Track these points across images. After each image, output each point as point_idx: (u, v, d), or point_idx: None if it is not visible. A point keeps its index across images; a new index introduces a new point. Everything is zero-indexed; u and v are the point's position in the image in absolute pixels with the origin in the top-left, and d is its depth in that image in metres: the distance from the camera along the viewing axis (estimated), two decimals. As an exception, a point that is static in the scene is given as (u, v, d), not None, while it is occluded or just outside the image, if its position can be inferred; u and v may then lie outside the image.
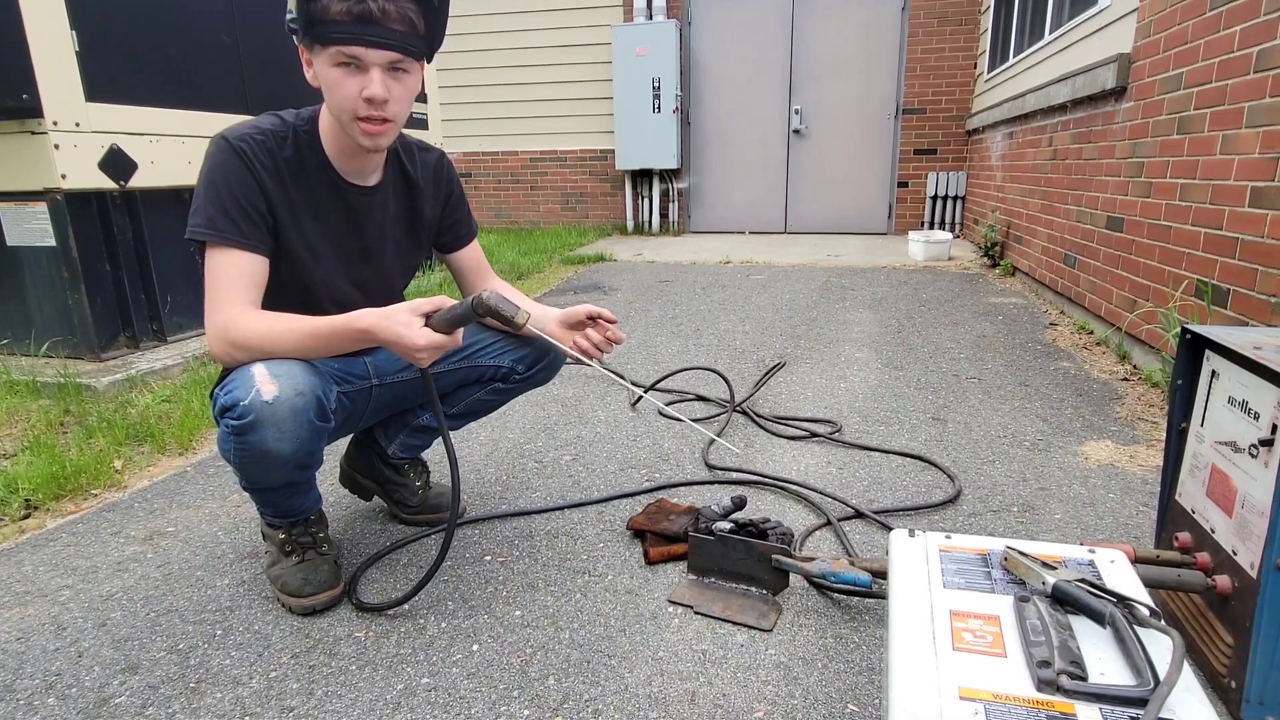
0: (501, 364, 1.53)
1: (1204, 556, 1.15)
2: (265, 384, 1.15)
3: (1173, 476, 1.28)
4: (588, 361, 1.46)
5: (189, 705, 1.14)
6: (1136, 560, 1.16)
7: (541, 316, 1.48)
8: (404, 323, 1.13)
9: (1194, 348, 1.24)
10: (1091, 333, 3.26)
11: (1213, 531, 1.14)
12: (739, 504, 1.56)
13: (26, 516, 1.80)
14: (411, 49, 1.20)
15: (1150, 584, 1.11)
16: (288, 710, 1.13)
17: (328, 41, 1.15)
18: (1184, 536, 1.21)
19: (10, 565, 1.57)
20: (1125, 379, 2.65)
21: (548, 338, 1.38)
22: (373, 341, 1.17)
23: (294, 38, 1.20)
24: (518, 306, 1.16)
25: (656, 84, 6.77)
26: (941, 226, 6.71)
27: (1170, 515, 1.28)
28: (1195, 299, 2.36)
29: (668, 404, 2.49)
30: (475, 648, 1.26)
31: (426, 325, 1.15)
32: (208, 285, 1.22)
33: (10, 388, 2.55)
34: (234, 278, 1.21)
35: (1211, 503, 1.15)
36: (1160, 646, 0.74)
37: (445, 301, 1.17)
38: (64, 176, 2.59)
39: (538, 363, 1.53)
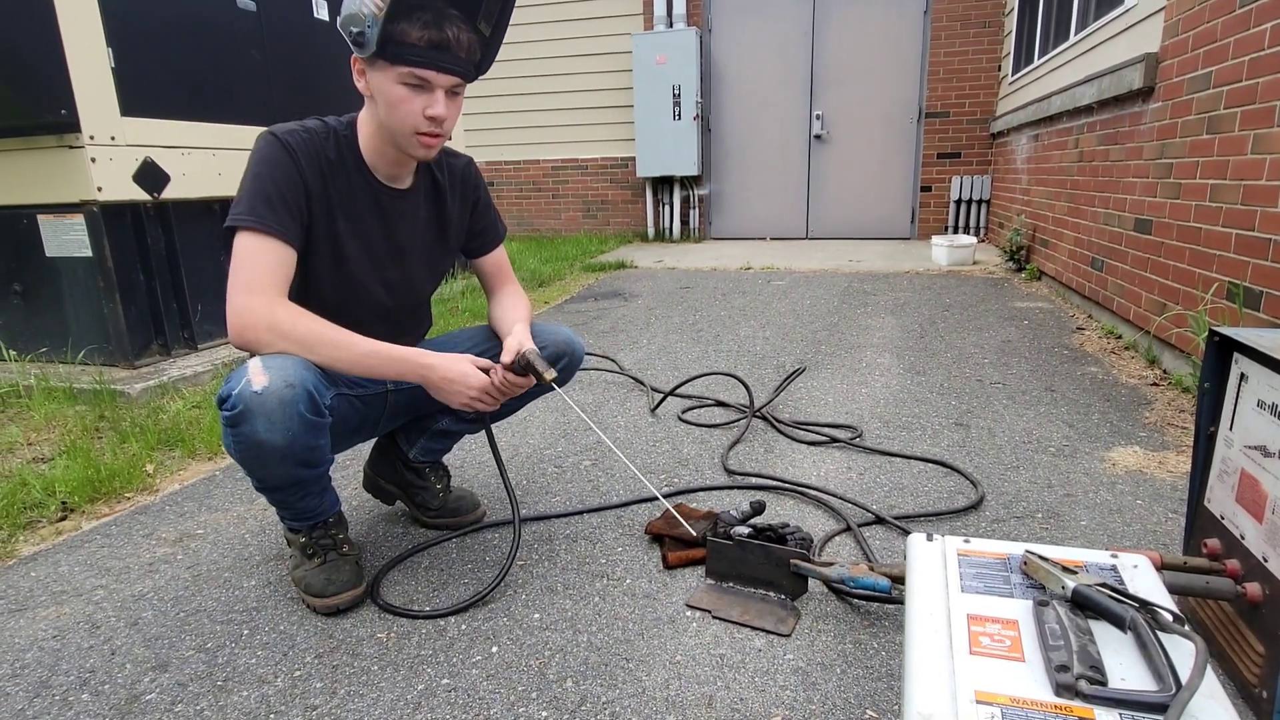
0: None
1: (1233, 563, 1.12)
2: (256, 375, 1.18)
3: (1201, 482, 1.25)
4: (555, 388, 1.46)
5: (216, 703, 1.17)
6: (1163, 567, 1.13)
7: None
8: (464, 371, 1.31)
9: (1222, 350, 1.21)
10: (1120, 337, 3.21)
11: (1242, 538, 1.11)
12: (758, 509, 1.55)
13: (63, 518, 1.85)
14: (469, 75, 1.30)
15: (1178, 591, 1.09)
16: (311, 709, 1.15)
17: (401, 62, 1.21)
18: (1213, 543, 1.18)
19: (48, 565, 1.61)
20: (1154, 384, 2.60)
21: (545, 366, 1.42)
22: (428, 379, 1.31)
23: (356, 49, 1.22)
24: (548, 364, 1.37)
25: (677, 91, 6.79)
26: (965, 231, 6.64)
27: (1199, 521, 1.26)
28: (1226, 301, 2.31)
29: (686, 410, 2.49)
30: (494, 649, 1.28)
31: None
32: (237, 264, 1.23)
33: (49, 394, 2.63)
34: (271, 263, 1.25)
35: (1241, 508, 1.12)
36: (1184, 652, 0.73)
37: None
38: (100, 189, 2.67)
39: (554, 365, 1.54)
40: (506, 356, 1.39)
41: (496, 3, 1.30)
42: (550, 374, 1.29)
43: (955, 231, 6.68)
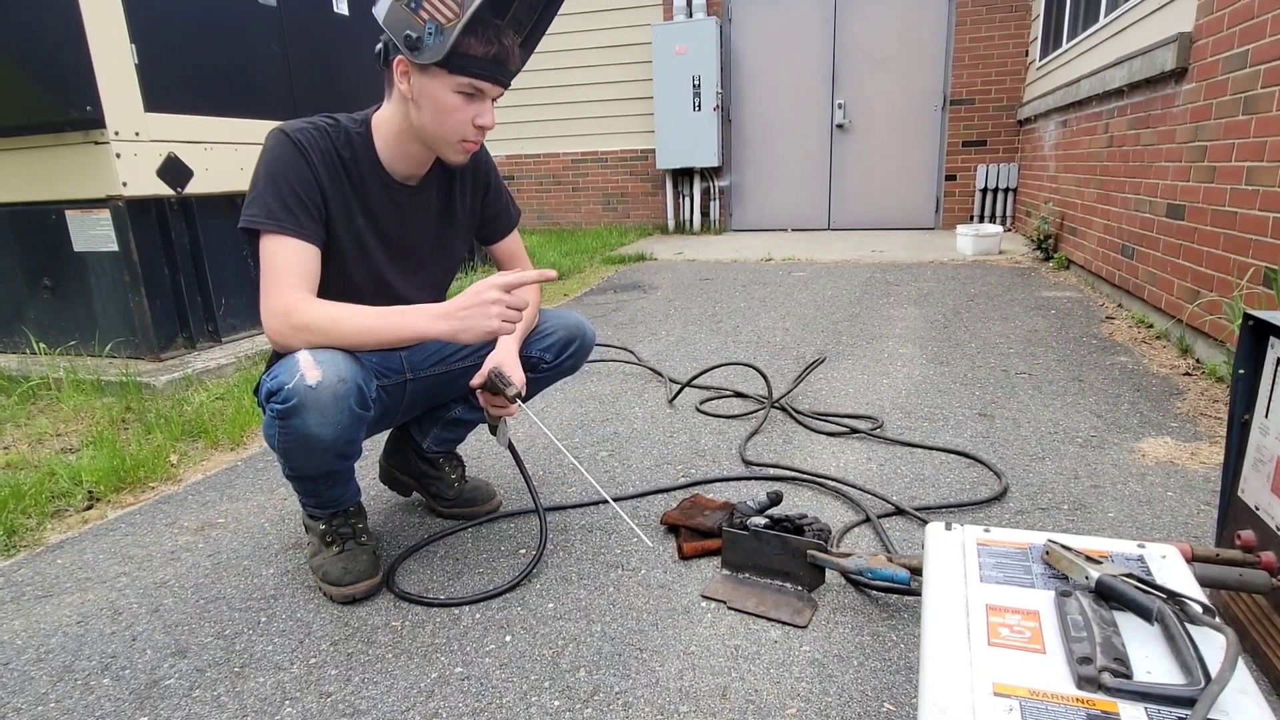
0: (528, 353, 1.53)
1: (1269, 556, 1.08)
2: (310, 369, 1.18)
3: (1235, 471, 1.21)
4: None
5: (233, 689, 1.18)
6: (1195, 559, 1.10)
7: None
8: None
9: (1258, 335, 1.17)
10: (1151, 326, 3.12)
11: (1279, 529, 1.07)
12: (775, 499, 1.53)
13: (89, 508, 1.88)
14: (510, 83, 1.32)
15: (1210, 584, 1.05)
16: (325, 695, 1.15)
17: (463, 73, 1.22)
18: (1247, 534, 1.14)
19: (73, 553, 1.64)
20: (1187, 374, 2.52)
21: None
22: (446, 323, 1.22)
23: (409, 53, 1.20)
24: (510, 381, 1.32)
25: (697, 82, 6.74)
26: (991, 220, 6.52)
27: (1232, 512, 1.22)
28: (1263, 288, 2.23)
29: (704, 400, 2.46)
30: (508, 639, 1.27)
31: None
32: (265, 270, 1.24)
33: (77, 386, 2.68)
34: (293, 264, 1.25)
35: (1277, 499, 1.08)
36: (1214, 646, 0.70)
37: (524, 276, 1.26)
38: (125, 184, 2.71)
39: (564, 350, 1.53)
40: (478, 379, 1.36)
41: (532, 15, 1.32)
42: (511, 390, 1.27)
43: (981, 221, 6.56)
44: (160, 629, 1.34)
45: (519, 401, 1.29)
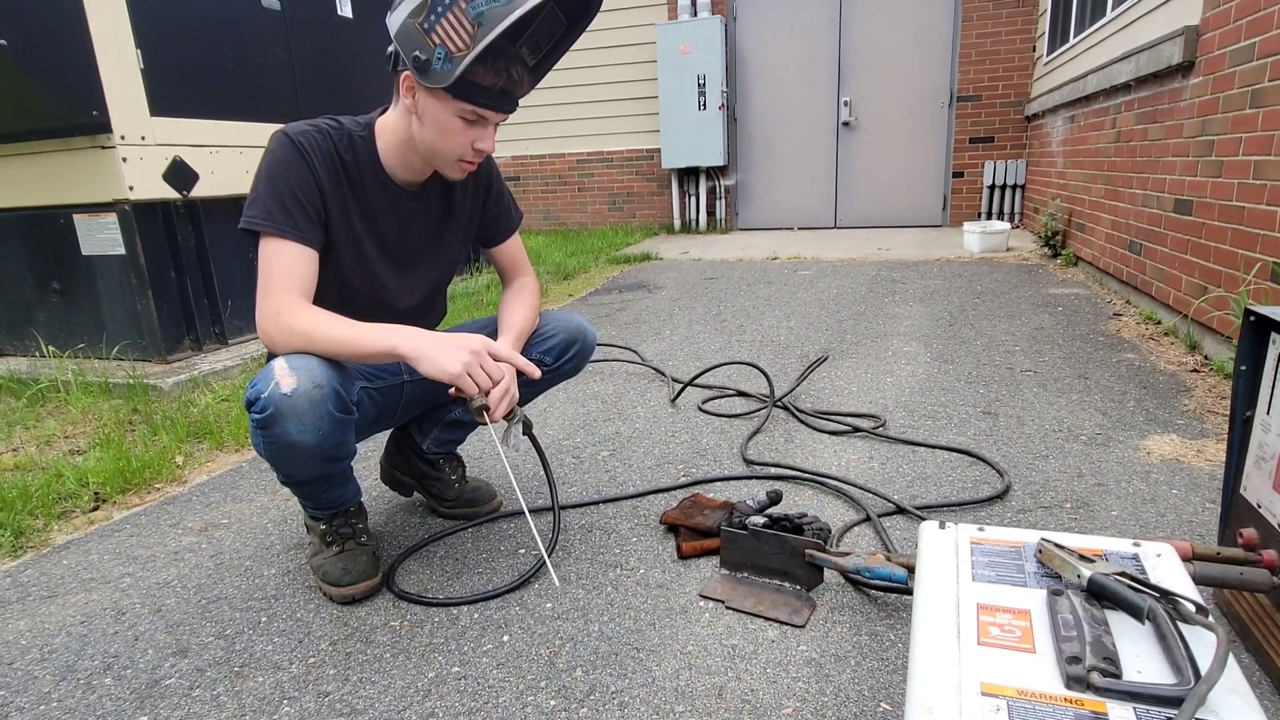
0: (529, 356, 1.52)
1: (1270, 554, 1.07)
2: (284, 377, 1.18)
3: (1237, 469, 1.20)
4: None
5: (232, 688, 1.19)
6: (1195, 557, 1.09)
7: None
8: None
9: (1259, 330, 1.15)
10: (1159, 322, 3.09)
11: (1280, 527, 1.06)
12: (774, 499, 1.53)
13: (95, 509, 1.90)
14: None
15: (1211, 583, 1.04)
16: (323, 695, 1.16)
17: (468, 100, 1.22)
18: (1249, 533, 1.13)
19: (79, 554, 1.66)
20: (1195, 370, 2.50)
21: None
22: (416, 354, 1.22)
23: (416, 73, 1.19)
24: (484, 401, 1.26)
25: (702, 81, 6.73)
26: (999, 217, 6.48)
27: (1234, 510, 1.20)
28: (1271, 283, 2.21)
29: (707, 400, 2.46)
30: (506, 638, 1.27)
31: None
32: (261, 272, 1.25)
33: (85, 388, 2.70)
34: (288, 267, 1.25)
35: (1279, 496, 1.07)
36: (1207, 645, 0.69)
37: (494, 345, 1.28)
38: (131, 188, 2.73)
39: (565, 353, 1.53)
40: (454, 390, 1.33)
41: (550, 40, 1.31)
42: (475, 403, 1.27)
43: (988, 217, 6.52)
44: (162, 629, 1.35)
45: (485, 415, 1.28)
